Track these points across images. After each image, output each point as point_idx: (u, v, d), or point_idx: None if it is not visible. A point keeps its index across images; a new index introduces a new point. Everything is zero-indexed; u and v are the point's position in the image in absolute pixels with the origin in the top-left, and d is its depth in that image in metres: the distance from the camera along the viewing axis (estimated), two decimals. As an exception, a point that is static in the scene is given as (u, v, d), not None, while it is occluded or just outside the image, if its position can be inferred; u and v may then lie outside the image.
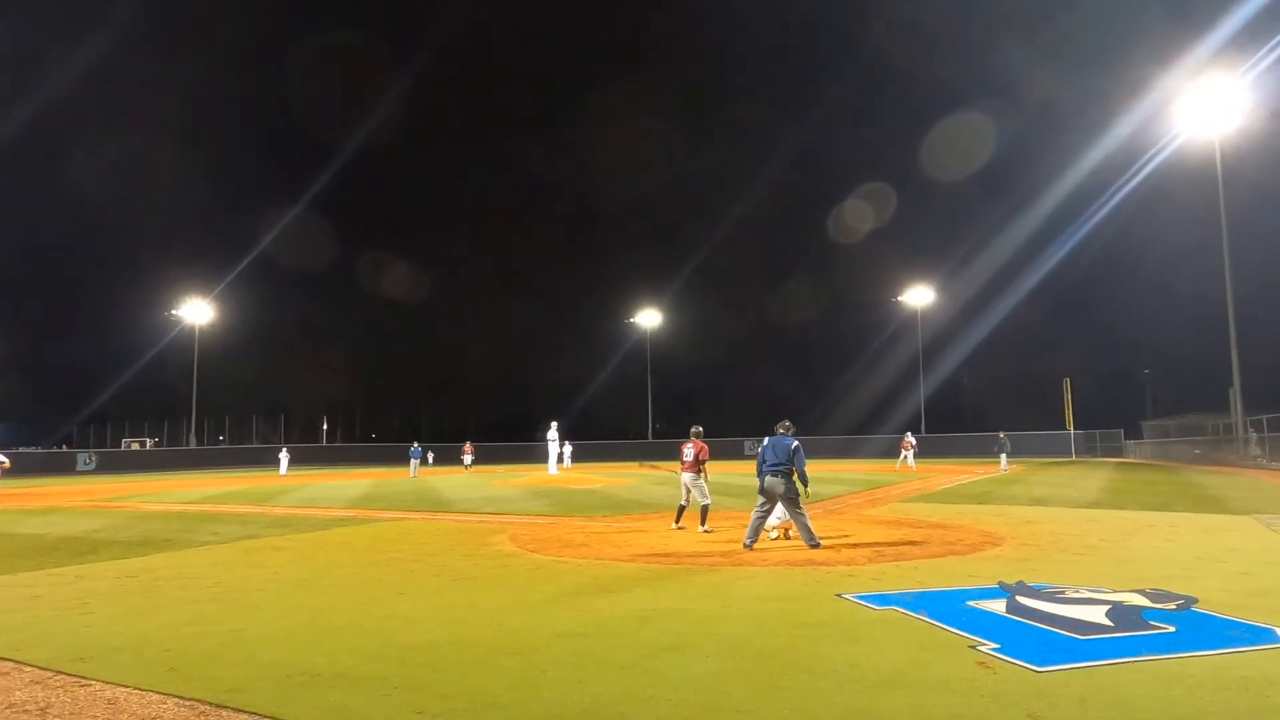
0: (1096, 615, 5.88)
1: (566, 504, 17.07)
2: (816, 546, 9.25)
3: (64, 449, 59.49)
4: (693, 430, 11.72)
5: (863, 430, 58.35)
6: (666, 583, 7.63)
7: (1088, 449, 54.12)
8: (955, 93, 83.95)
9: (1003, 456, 32.21)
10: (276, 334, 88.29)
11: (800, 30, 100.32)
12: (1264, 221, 51.79)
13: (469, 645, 5.38)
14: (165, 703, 4.22)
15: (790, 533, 10.22)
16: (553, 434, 32.11)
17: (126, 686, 4.49)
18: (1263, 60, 36.46)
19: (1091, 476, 26.47)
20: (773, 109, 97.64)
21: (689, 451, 11.49)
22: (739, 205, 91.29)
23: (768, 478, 9.50)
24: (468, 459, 40.76)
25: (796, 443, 9.55)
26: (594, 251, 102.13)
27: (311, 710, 4.09)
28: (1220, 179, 36.93)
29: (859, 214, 76.38)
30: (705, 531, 11.03)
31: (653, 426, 67.83)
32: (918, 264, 64.80)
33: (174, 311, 58.48)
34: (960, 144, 69.22)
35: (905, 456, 34.36)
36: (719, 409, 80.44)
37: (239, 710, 4.08)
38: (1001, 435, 33.74)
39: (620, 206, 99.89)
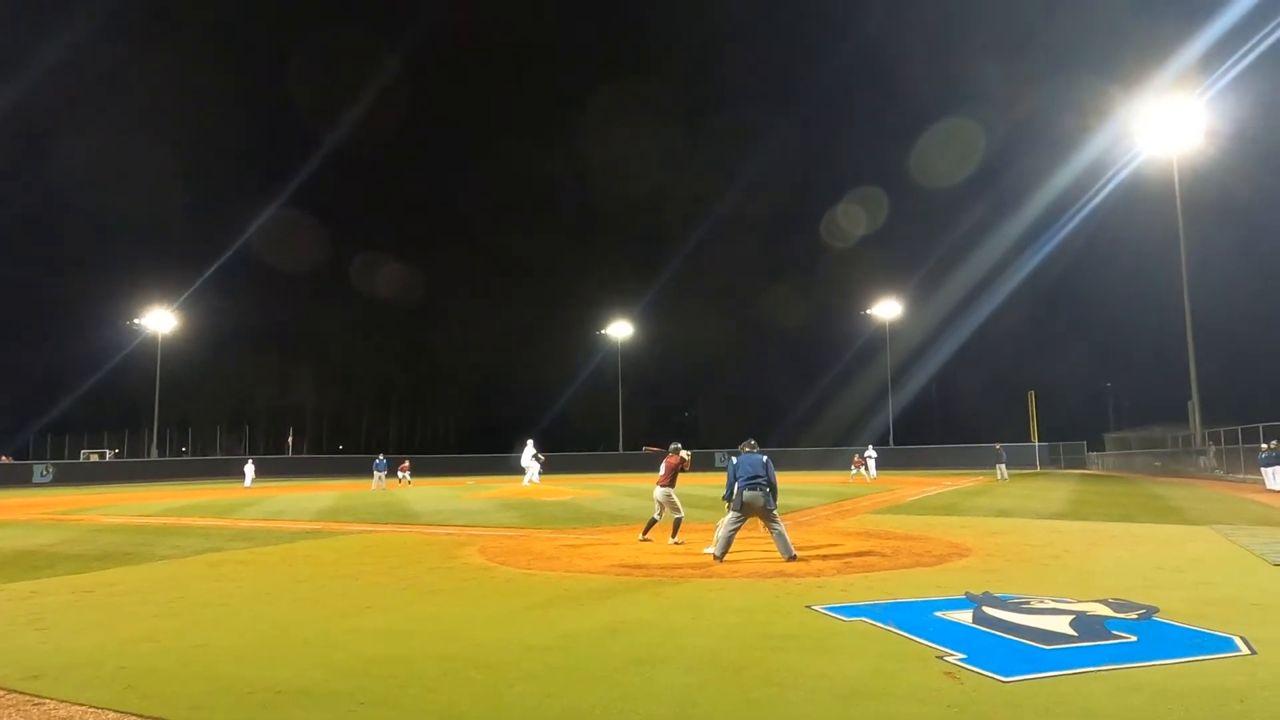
0: (1061, 625, 5.95)
1: (536, 516, 16.97)
2: (793, 559, 9.26)
3: (13, 459, 57.63)
4: (670, 446, 11.79)
5: (841, 442, 58.73)
6: (637, 595, 7.61)
7: (1052, 460, 55.04)
8: (932, 105, 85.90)
9: (1000, 466, 34.32)
10: (243, 342, 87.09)
11: (793, 36, 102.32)
12: (1223, 238, 53.24)
13: (436, 659, 5.32)
14: (123, 721, 4.12)
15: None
16: (530, 450, 31.86)
17: (82, 705, 4.37)
18: (1220, 79, 37.62)
19: (1056, 488, 26.88)
20: (766, 114, 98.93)
21: (663, 467, 11.63)
22: (728, 211, 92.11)
23: (747, 492, 9.45)
24: (404, 475, 40.47)
25: (766, 456, 9.65)
26: (563, 262, 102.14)
27: (275, 727, 4.00)
28: (1178, 196, 37.90)
29: (852, 220, 77.61)
30: (676, 543, 11.04)
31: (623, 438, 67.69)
32: (893, 277, 65.96)
33: (136, 320, 57.28)
34: (943, 156, 70.82)
35: (858, 469, 35.25)
36: (692, 420, 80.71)
37: (199, 728, 3.99)
38: (998, 447, 35.89)
39: (614, 210, 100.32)
